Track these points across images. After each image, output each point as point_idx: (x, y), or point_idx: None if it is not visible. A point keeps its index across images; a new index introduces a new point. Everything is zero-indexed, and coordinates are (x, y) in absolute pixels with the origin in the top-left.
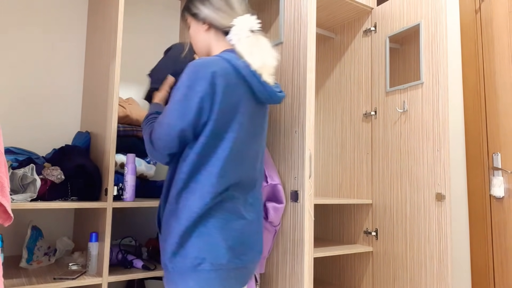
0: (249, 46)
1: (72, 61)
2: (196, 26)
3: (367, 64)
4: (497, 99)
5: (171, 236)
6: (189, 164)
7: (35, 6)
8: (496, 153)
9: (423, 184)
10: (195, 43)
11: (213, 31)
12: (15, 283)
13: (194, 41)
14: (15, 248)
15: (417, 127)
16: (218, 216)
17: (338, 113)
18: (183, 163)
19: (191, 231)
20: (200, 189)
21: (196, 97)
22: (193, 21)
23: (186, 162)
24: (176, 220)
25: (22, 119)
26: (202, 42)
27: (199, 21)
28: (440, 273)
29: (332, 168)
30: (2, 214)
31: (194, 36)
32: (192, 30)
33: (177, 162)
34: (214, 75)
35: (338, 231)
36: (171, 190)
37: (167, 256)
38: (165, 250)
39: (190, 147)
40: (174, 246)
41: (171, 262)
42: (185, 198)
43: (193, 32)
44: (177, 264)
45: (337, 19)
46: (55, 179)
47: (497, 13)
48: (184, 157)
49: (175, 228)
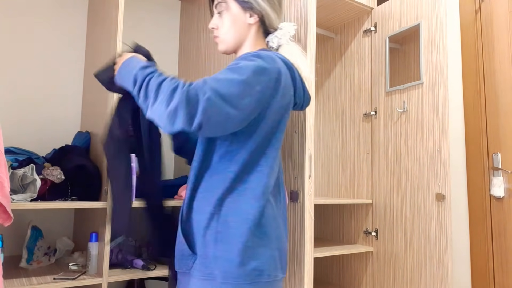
0: (293, 53)
1: (72, 61)
2: (240, 14)
3: (367, 64)
4: (497, 99)
5: (218, 243)
6: (239, 163)
7: (35, 6)
8: (496, 153)
9: (423, 184)
10: (228, 31)
11: (257, 27)
12: (15, 283)
13: (230, 28)
14: (15, 248)
15: (417, 127)
16: (271, 222)
17: (338, 113)
18: (231, 162)
19: (248, 239)
20: (252, 191)
21: (259, 87)
22: (238, 8)
23: (235, 160)
24: (225, 225)
25: (22, 119)
26: (239, 33)
27: (247, 11)
28: (440, 273)
29: (332, 168)
30: (2, 214)
31: (233, 23)
32: (232, 16)
33: (210, 161)
34: (280, 72)
35: (338, 231)
36: (210, 191)
37: (211, 263)
38: (207, 256)
39: (241, 144)
40: (225, 253)
41: (221, 271)
42: (234, 201)
43: (233, 18)
44: (230, 274)
45: (337, 19)
46: (55, 179)
47: (497, 13)
48: (232, 155)
49: (225, 234)
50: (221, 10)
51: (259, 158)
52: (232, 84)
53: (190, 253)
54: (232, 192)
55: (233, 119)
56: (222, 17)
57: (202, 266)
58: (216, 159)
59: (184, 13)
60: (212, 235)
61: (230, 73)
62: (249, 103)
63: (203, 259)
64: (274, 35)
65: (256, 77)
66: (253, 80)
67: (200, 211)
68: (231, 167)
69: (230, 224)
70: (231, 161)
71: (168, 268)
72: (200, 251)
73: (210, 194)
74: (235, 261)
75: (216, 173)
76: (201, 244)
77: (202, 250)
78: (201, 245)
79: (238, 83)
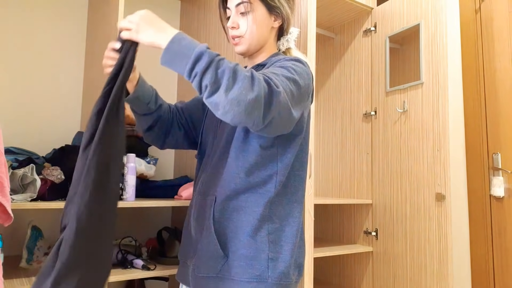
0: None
1: (72, 61)
2: (266, 17)
3: (367, 64)
4: (497, 99)
5: (271, 244)
6: (288, 166)
7: (35, 6)
8: (496, 153)
9: (423, 184)
10: (255, 33)
11: (276, 31)
12: (15, 283)
13: (255, 30)
14: (15, 248)
15: (417, 127)
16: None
17: (338, 113)
18: (280, 164)
19: (296, 240)
20: (295, 194)
21: (308, 93)
22: (265, 10)
23: (283, 163)
24: (275, 227)
25: (22, 119)
26: (263, 36)
27: (272, 14)
28: (440, 273)
29: (332, 168)
30: (2, 214)
31: (259, 25)
32: (259, 18)
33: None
34: (312, 77)
35: (338, 231)
36: (257, 193)
37: (262, 265)
38: (256, 258)
39: (285, 148)
40: (280, 255)
41: (275, 273)
42: (282, 204)
43: (260, 20)
44: (284, 275)
45: (337, 19)
46: (55, 179)
47: (497, 13)
48: (279, 158)
49: (277, 236)
50: (245, 10)
51: (298, 162)
52: (297, 87)
53: (223, 255)
54: (279, 195)
55: (292, 120)
56: (247, 18)
57: (249, 267)
58: (260, 160)
59: (184, 13)
60: (264, 237)
61: (294, 74)
62: (302, 107)
63: (249, 261)
64: (286, 39)
65: (307, 83)
66: (305, 85)
67: (247, 212)
68: (283, 171)
69: (281, 226)
70: (277, 164)
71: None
72: (246, 252)
73: (258, 196)
74: (289, 262)
75: (262, 175)
76: (247, 245)
77: (249, 251)
78: (247, 247)
79: (300, 87)
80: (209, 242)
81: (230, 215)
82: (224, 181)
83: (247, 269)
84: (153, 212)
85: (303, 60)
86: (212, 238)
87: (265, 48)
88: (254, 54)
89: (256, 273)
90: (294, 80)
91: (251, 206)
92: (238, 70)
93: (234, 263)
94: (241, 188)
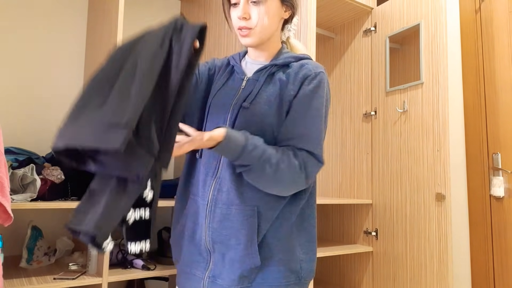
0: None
1: (72, 61)
2: (279, 7)
3: (367, 64)
4: (497, 99)
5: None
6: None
7: (35, 7)
8: (496, 153)
9: (423, 184)
10: (268, 24)
11: (283, 22)
12: (15, 283)
13: (269, 21)
14: (15, 248)
15: (417, 127)
16: None
17: (338, 113)
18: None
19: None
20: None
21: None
22: (278, 1)
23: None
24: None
25: (23, 119)
26: (275, 27)
27: (284, 4)
28: (440, 273)
29: (332, 168)
30: (2, 214)
31: (272, 16)
32: (272, 9)
33: None
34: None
35: (338, 231)
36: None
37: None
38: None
39: None
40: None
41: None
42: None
43: (273, 11)
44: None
45: (337, 19)
46: (55, 179)
47: (497, 13)
48: None
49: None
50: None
51: None
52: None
53: (259, 264)
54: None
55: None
56: (259, 8)
57: (288, 271)
58: None
59: (184, 13)
60: (295, 240)
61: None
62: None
63: (288, 264)
64: (288, 29)
65: (326, 112)
66: (325, 118)
67: (285, 218)
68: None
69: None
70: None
71: None
72: (283, 256)
73: (294, 203)
74: (315, 261)
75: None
76: (283, 250)
77: (285, 255)
78: (283, 251)
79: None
80: (248, 254)
81: (270, 225)
82: (264, 193)
83: (285, 274)
84: None
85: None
86: (254, 249)
87: (272, 39)
88: (261, 45)
89: (294, 276)
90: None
91: (287, 214)
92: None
93: (273, 269)
94: (282, 199)
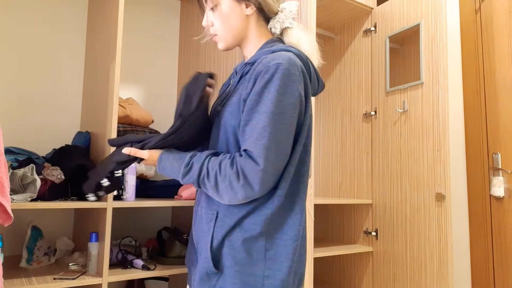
0: (300, 38)
1: (72, 61)
2: (235, 6)
3: (367, 64)
4: (497, 99)
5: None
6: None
7: (35, 7)
8: (496, 153)
9: (423, 184)
10: (227, 27)
11: (256, 17)
12: (15, 283)
13: (227, 23)
14: (15, 248)
15: (417, 127)
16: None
17: (338, 113)
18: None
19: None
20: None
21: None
22: (230, 1)
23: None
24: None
25: (22, 119)
26: (238, 27)
27: (242, 1)
28: (440, 273)
29: (332, 168)
30: (2, 214)
31: (229, 17)
32: (226, 10)
33: None
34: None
35: (338, 231)
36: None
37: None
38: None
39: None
40: (277, 272)
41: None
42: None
43: (228, 12)
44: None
45: (337, 19)
46: (55, 179)
47: (497, 13)
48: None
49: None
50: (213, 5)
51: (301, 168)
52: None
53: (215, 272)
54: (281, 209)
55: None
56: (216, 13)
57: (244, 285)
58: None
59: (184, 13)
60: (261, 254)
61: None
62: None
63: (246, 277)
64: (276, 20)
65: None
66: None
67: (244, 229)
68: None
69: (278, 241)
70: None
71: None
72: (240, 268)
73: (258, 212)
74: (286, 281)
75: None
76: (242, 261)
77: (243, 268)
78: (242, 263)
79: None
80: (204, 258)
81: (228, 233)
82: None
83: (240, 286)
84: (153, 212)
85: (283, 67)
86: (208, 254)
87: (249, 37)
88: (241, 46)
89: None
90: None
91: (249, 224)
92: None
93: (227, 280)
94: (243, 207)
